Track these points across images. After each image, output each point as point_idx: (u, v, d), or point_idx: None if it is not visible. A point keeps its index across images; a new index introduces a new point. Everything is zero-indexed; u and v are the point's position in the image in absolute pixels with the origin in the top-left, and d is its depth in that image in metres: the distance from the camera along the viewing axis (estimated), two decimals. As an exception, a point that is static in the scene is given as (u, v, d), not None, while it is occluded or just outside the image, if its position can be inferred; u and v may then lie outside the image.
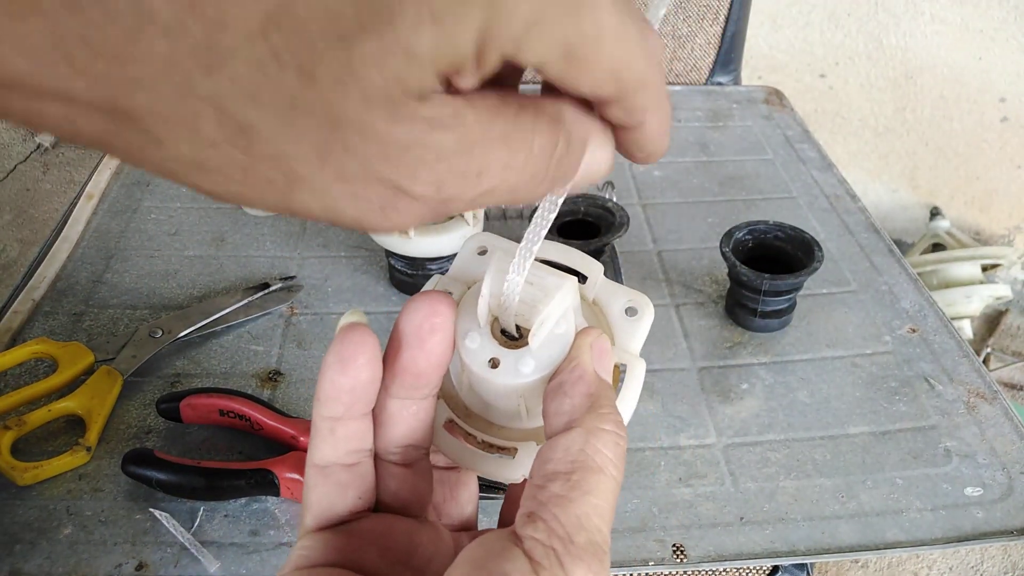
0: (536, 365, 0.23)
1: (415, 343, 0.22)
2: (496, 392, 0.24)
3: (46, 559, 0.42)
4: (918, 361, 0.56)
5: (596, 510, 0.20)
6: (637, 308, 0.25)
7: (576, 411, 0.22)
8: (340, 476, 0.23)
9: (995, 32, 1.32)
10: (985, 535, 0.45)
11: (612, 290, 0.26)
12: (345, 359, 0.21)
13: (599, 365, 0.23)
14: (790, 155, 0.79)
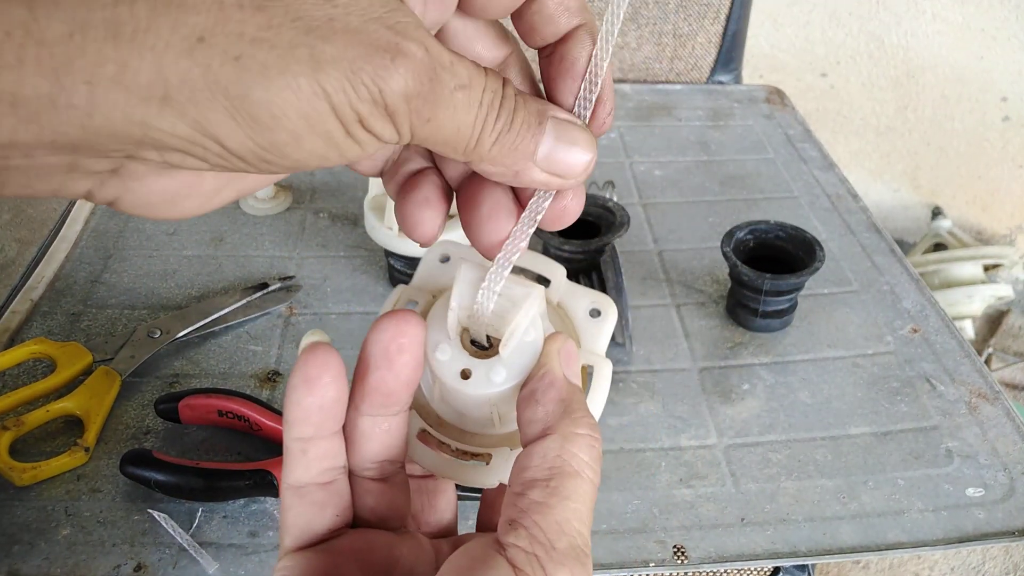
0: (507, 374, 0.23)
1: (383, 364, 0.22)
2: (468, 402, 0.24)
3: (44, 560, 0.42)
4: (920, 361, 0.56)
5: (575, 514, 0.21)
6: (600, 309, 0.26)
7: (550, 418, 0.22)
8: (316, 495, 0.23)
9: (997, 31, 1.32)
10: (987, 536, 0.45)
11: (575, 292, 0.26)
12: (310, 379, 0.21)
13: (568, 369, 0.23)
14: (791, 154, 0.79)
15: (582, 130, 0.22)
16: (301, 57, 0.17)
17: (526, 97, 0.21)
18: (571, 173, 0.22)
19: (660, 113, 0.86)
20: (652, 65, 0.92)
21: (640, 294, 0.61)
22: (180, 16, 0.16)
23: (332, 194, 0.71)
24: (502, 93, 0.20)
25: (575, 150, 0.22)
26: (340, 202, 0.70)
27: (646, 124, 0.83)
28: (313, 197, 0.70)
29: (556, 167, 0.22)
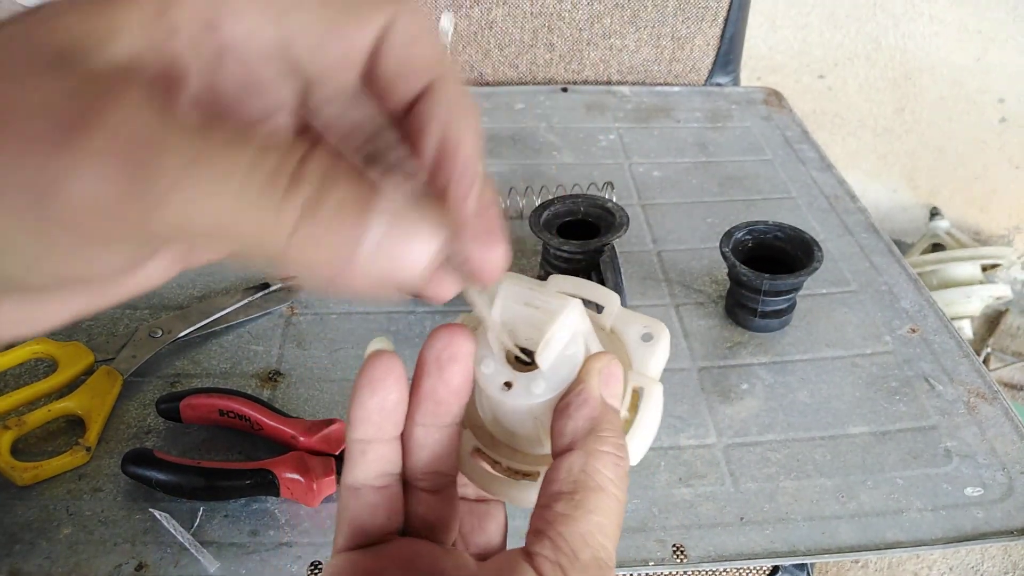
0: (547, 386, 0.24)
1: (435, 371, 0.24)
2: (511, 414, 0.25)
3: (46, 559, 0.42)
4: (918, 361, 0.56)
5: (599, 528, 0.21)
6: (653, 334, 0.26)
7: (578, 432, 0.23)
8: (370, 497, 0.24)
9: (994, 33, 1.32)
10: (985, 535, 0.45)
11: (628, 318, 0.27)
12: (374, 382, 0.23)
13: (607, 390, 0.24)
14: (789, 155, 0.79)
15: (424, 215, 0.16)
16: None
17: (347, 171, 0.15)
18: (407, 274, 0.16)
19: (659, 115, 0.86)
20: (651, 67, 0.92)
21: (639, 294, 0.61)
22: None
23: (332, 195, 0.71)
24: (298, 163, 0.15)
25: (414, 243, 0.16)
26: (340, 203, 0.70)
27: (645, 126, 0.84)
28: (313, 198, 0.70)
29: (385, 267, 0.16)
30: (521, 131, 0.82)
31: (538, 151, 0.79)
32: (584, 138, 0.81)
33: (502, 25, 0.88)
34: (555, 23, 0.88)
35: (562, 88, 0.90)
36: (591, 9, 0.88)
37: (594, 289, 0.27)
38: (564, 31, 0.89)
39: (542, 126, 0.83)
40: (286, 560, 0.42)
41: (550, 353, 0.24)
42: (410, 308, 0.59)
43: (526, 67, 0.91)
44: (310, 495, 0.44)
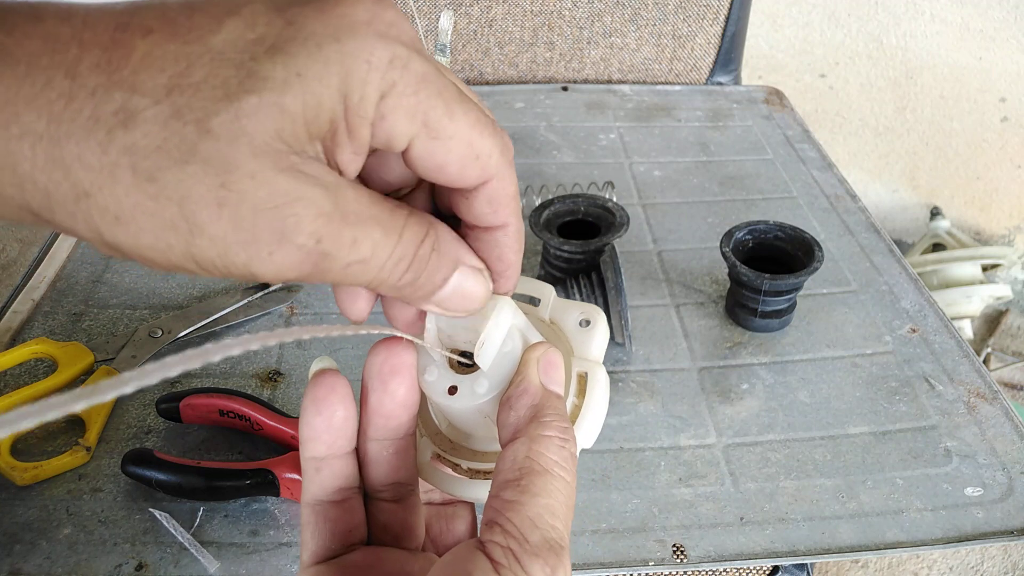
0: (489, 384, 0.24)
1: (379, 387, 0.24)
2: (462, 417, 0.25)
3: (46, 559, 0.42)
4: (918, 361, 0.56)
5: (547, 509, 0.22)
6: (590, 319, 0.27)
7: (520, 421, 0.23)
8: (330, 513, 0.25)
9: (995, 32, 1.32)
10: (985, 535, 0.45)
11: (565, 307, 0.28)
12: (318, 401, 0.24)
13: (547, 377, 0.24)
14: (790, 155, 0.79)
15: (481, 276, 0.23)
16: (178, 238, 0.18)
17: (442, 245, 0.22)
18: (460, 310, 0.23)
19: (659, 114, 0.86)
20: (651, 66, 0.92)
21: (640, 294, 0.61)
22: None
23: (332, 194, 0.71)
24: (414, 252, 0.21)
25: (472, 295, 0.23)
26: (340, 202, 0.70)
27: (645, 125, 0.84)
28: (313, 197, 0.70)
29: (450, 306, 0.23)
30: (521, 130, 0.82)
31: (538, 150, 0.79)
32: (584, 137, 0.81)
33: (502, 23, 0.88)
34: (555, 21, 0.88)
35: (562, 87, 0.90)
36: (591, 7, 0.88)
37: (527, 283, 0.28)
38: (564, 29, 0.89)
39: (542, 125, 0.83)
40: (286, 560, 0.42)
41: (488, 352, 0.24)
42: (410, 308, 0.59)
43: (526, 66, 0.91)
44: (310, 495, 0.44)
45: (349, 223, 0.19)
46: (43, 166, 0.17)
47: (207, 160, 0.17)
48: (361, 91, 0.18)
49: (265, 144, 0.18)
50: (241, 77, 0.18)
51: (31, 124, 0.17)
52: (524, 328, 0.25)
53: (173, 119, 0.17)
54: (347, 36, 0.18)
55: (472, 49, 0.89)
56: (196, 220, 0.18)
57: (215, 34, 0.18)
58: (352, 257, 0.20)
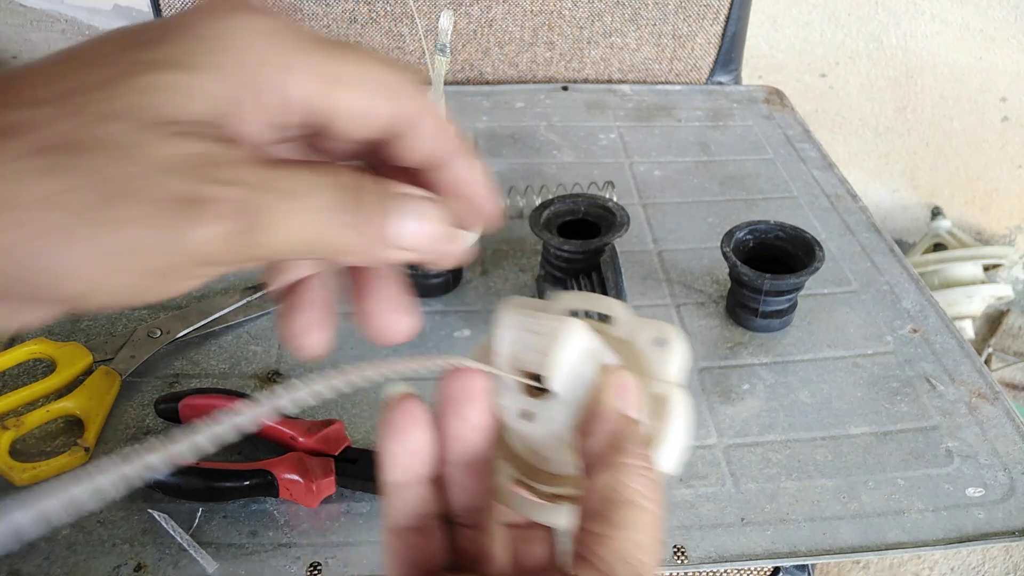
0: (564, 410, 0.24)
1: (453, 413, 0.24)
2: (539, 442, 0.25)
3: (45, 560, 0.42)
4: (919, 361, 0.56)
5: (635, 544, 0.21)
6: (664, 338, 0.26)
7: (600, 450, 0.23)
8: (410, 539, 0.25)
9: (996, 32, 1.32)
10: (987, 536, 0.45)
11: (639, 325, 0.26)
12: (397, 427, 0.24)
13: (623, 402, 0.24)
14: (791, 155, 0.79)
15: (430, 204, 0.22)
16: (99, 220, 0.17)
17: (370, 183, 0.21)
18: (422, 246, 0.22)
19: (660, 114, 0.86)
20: (652, 66, 0.92)
21: (640, 294, 0.61)
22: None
23: (332, 194, 0.71)
24: (346, 191, 0.20)
25: (424, 224, 0.22)
26: (340, 202, 0.70)
27: (646, 125, 0.84)
28: (313, 197, 0.70)
29: (405, 242, 0.21)
30: (521, 130, 0.81)
31: (538, 150, 0.78)
32: (584, 137, 0.81)
33: (502, 23, 0.88)
34: (555, 21, 0.88)
35: (562, 87, 0.89)
36: (592, 7, 0.88)
37: (599, 301, 0.27)
38: (564, 29, 0.89)
39: (542, 125, 0.82)
40: (285, 561, 0.42)
41: (560, 376, 0.24)
42: (410, 308, 0.59)
43: (526, 65, 0.91)
44: (309, 496, 0.44)
45: (276, 167, 0.19)
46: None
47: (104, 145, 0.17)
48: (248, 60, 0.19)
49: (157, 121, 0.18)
50: (124, 66, 0.18)
51: None
52: (597, 349, 0.25)
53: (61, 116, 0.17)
54: (223, 15, 0.19)
55: (472, 49, 0.89)
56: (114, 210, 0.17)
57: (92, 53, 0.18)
58: (288, 200, 0.19)
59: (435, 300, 0.60)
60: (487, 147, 0.79)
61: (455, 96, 0.87)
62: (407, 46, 0.88)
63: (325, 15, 0.86)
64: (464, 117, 0.83)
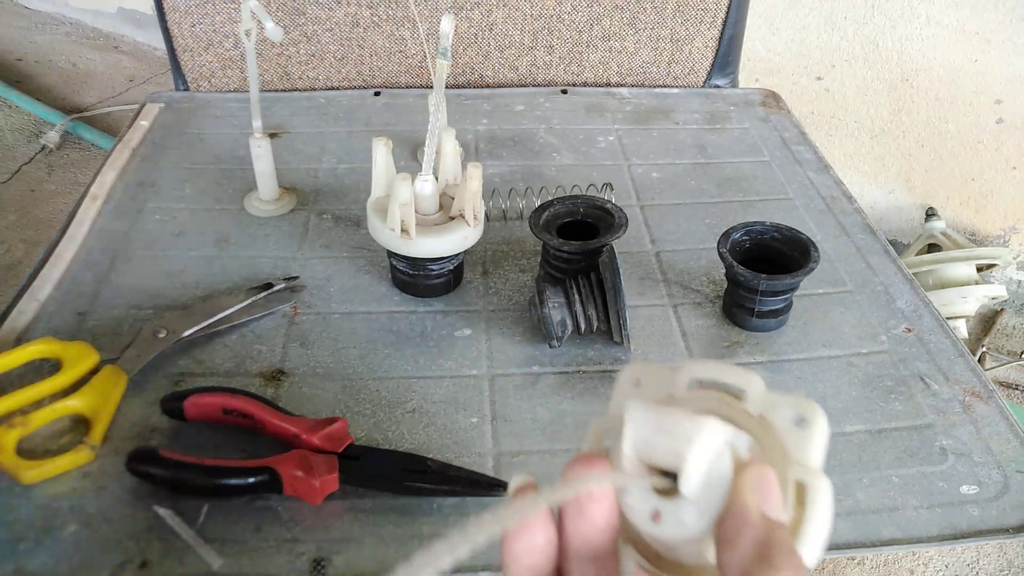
0: (698, 513, 0.22)
1: (576, 513, 0.23)
2: (671, 544, 0.23)
3: (50, 557, 0.42)
4: (914, 360, 0.56)
5: None
6: (806, 416, 0.23)
7: (745, 563, 0.20)
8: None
9: (991, 35, 1.33)
10: (981, 533, 0.45)
11: (776, 401, 0.24)
12: (519, 525, 0.23)
13: (766, 503, 0.21)
14: (787, 157, 0.80)
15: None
16: None
17: None
18: None
19: (657, 116, 0.86)
20: (649, 69, 0.93)
21: (638, 294, 0.62)
22: None
23: (335, 196, 0.71)
24: None
25: None
26: (343, 204, 0.71)
27: (644, 127, 0.84)
28: (317, 199, 0.71)
29: None
30: (521, 132, 0.82)
31: (538, 152, 0.79)
32: (583, 139, 0.81)
33: (502, 27, 0.89)
34: (555, 25, 0.89)
35: (562, 90, 0.90)
36: (591, 11, 0.89)
37: (732, 372, 0.24)
38: (564, 33, 0.90)
39: (542, 128, 0.83)
40: (289, 557, 0.43)
41: (694, 481, 0.22)
42: (411, 308, 0.59)
43: (526, 69, 0.91)
44: (313, 492, 0.44)
45: None
46: None
47: None
48: None
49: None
50: None
51: None
52: (732, 438, 0.23)
53: None
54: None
55: (473, 52, 0.90)
56: None
57: None
58: None
59: (436, 300, 0.60)
60: (487, 150, 0.79)
61: (456, 99, 0.87)
62: (408, 49, 0.89)
63: (328, 19, 0.86)
64: (465, 120, 0.84)
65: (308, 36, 0.87)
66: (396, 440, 0.49)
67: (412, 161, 0.77)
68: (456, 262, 0.60)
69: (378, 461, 0.46)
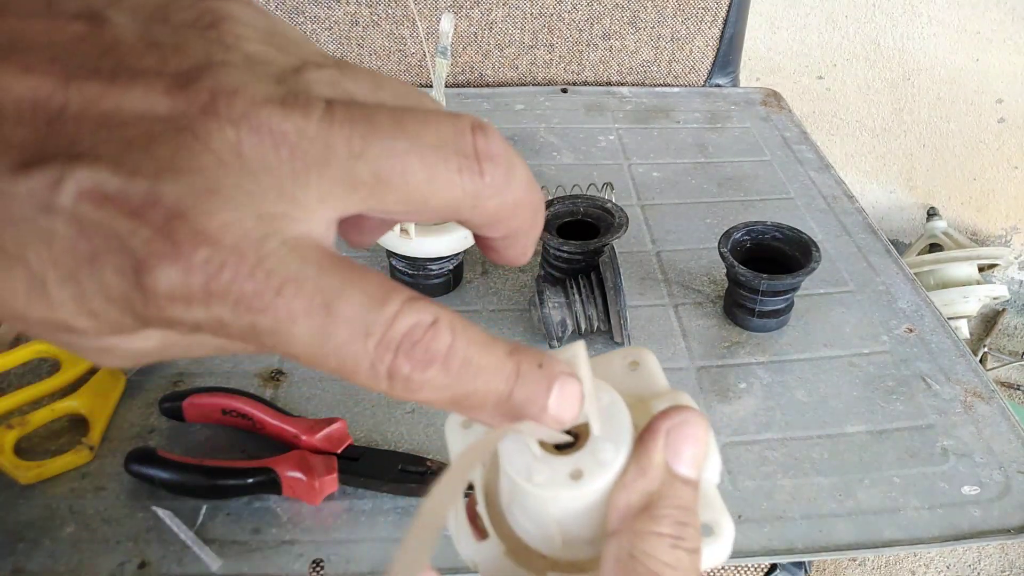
0: (614, 446, 0.20)
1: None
2: (595, 508, 0.20)
3: (49, 557, 0.42)
4: (915, 361, 0.56)
5: None
6: (636, 358, 0.23)
7: (630, 510, 0.19)
8: None
9: (992, 34, 1.33)
10: (982, 534, 0.45)
11: (604, 358, 0.23)
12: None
13: (675, 455, 0.20)
14: (788, 156, 0.80)
15: (578, 384, 0.20)
16: None
17: (534, 362, 0.18)
18: (564, 423, 0.19)
19: (658, 116, 0.86)
20: (650, 68, 0.92)
21: (638, 294, 0.61)
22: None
23: (333, 195, 0.71)
24: (520, 367, 0.18)
25: (575, 398, 0.19)
26: (341, 203, 0.70)
27: (644, 126, 0.84)
28: (314, 198, 0.71)
29: (556, 418, 0.19)
30: (521, 132, 0.82)
31: (538, 152, 0.79)
32: (584, 139, 0.81)
33: (502, 26, 0.88)
34: (555, 24, 0.89)
35: (562, 89, 0.90)
36: (591, 10, 0.88)
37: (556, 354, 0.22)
38: (564, 32, 0.89)
39: (542, 127, 0.83)
40: (288, 558, 0.43)
41: (593, 408, 0.20)
42: (411, 308, 0.59)
43: (526, 68, 0.91)
44: (312, 493, 0.44)
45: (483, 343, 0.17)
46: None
47: None
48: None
49: None
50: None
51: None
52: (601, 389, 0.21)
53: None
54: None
55: (472, 52, 0.89)
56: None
57: None
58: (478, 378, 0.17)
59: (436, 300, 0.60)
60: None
61: (455, 98, 0.87)
62: (408, 48, 0.89)
63: (327, 18, 0.86)
64: (464, 118, 0.84)
65: (307, 35, 0.87)
66: (396, 440, 0.49)
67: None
68: (456, 262, 0.60)
69: (377, 462, 0.46)
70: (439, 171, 0.17)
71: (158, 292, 0.15)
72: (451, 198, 0.18)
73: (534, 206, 0.20)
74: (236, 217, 0.15)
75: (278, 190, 0.16)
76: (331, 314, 0.16)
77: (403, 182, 0.17)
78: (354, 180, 0.17)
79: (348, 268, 0.16)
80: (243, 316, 0.15)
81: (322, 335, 0.16)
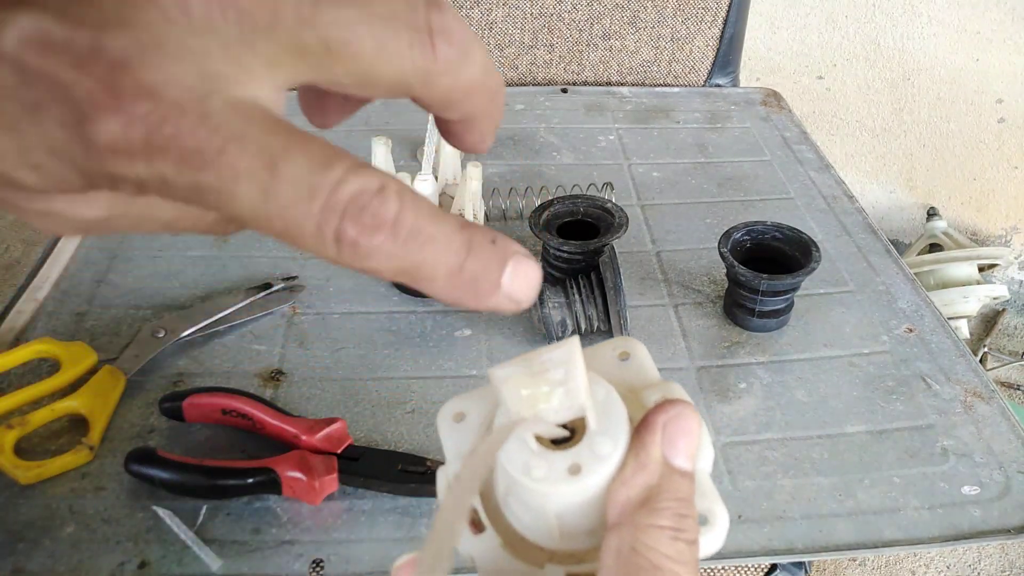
0: (610, 440, 0.20)
1: None
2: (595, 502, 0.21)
3: (49, 557, 0.42)
4: (915, 361, 0.56)
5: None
6: (626, 349, 0.23)
7: (630, 504, 0.20)
8: None
9: (992, 34, 1.33)
10: (982, 534, 0.45)
11: (593, 352, 0.23)
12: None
13: (672, 448, 0.20)
14: (788, 156, 0.80)
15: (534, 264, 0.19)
16: None
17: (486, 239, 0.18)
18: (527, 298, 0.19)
19: (658, 116, 0.86)
20: (650, 68, 0.92)
21: (638, 294, 0.62)
22: None
23: (333, 195, 0.71)
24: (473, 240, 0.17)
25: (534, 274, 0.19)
26: (341, 203, 0.70)
27: (644, 126, 0.84)
28: (314, 198, 0.71)
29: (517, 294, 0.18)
30: (521, 132, 0.82)
31: (538, 152, 0.79)
32: (584, 139, 0.81)
33: (502, 26, 0.88)
34: (555, 24, 0.89)
35: (562, 89, 0.90)
36: (591, 10, 0.88)
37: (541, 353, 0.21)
38: (564, 32, 0.89)
39: (542, 127, 0.83)
40: (288, 558, 0.43)
41: (590, 402, 0.20)
42: (411, 308, 0.59)
43: (526, 68, 0.91)
44: (312, 493, 0.44)
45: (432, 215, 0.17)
46: None
47: None
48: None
49: None
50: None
51: None
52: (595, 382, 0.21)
53: None
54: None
55: (472, 51, 0.89)
56: None
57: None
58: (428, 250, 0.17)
59: (436, 300, 0.60)
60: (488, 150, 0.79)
61: (455, 98, 0.87)
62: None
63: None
64: (464, 119, 0.84)
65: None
66: (395, 440, 0.49)
67: (412, 161, 0.77)
68: (456, 262, 0.59)
69: (377, 462, 0.46)
70: (388, 43, 0.17)
71: (99, 143, 0.15)
72: (400, 72, 0.17)
73: (491, 90, 0.19)
74: (179, 72, 0.15)
75: (224, 51, 0.16)
76: (275, 174, 0.15)
77: (351, 52, 0.17)
78: (302, 47, 0.16)
79: (293, 132, 0.16)
80: (185, 173, 0.15)
81: (266, 195, 0.16)
